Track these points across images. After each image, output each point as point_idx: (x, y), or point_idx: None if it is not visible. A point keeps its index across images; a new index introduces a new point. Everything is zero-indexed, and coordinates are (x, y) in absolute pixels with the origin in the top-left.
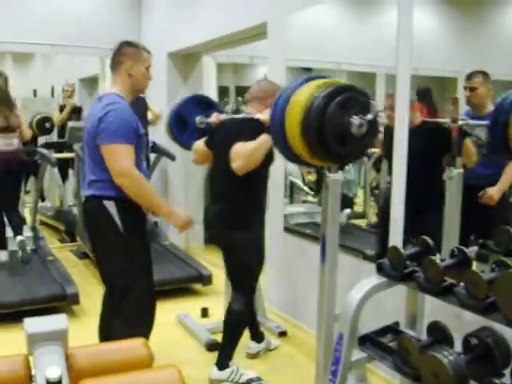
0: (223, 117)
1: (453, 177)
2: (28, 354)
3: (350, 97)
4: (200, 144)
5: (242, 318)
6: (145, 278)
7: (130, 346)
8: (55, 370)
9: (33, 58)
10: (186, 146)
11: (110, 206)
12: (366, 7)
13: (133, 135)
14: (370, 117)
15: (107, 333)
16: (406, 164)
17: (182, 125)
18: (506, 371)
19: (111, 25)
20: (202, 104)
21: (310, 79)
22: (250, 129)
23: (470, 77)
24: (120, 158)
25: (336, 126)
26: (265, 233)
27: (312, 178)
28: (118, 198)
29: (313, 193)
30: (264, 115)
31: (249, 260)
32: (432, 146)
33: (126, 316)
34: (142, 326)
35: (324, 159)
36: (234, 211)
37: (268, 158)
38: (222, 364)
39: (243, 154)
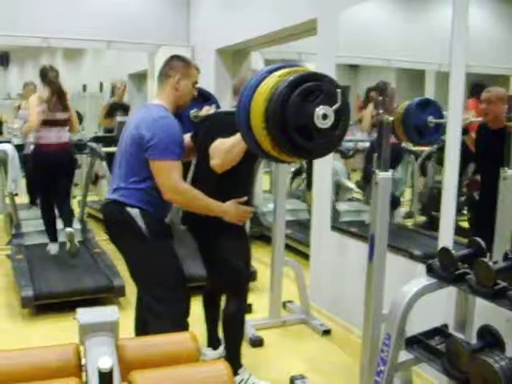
0: (213, 109)
1: (507, 177)
2: (79, 344)
3: (314, 86)
4: (186, 138)
5: (238, 319)
6: (173, 277)
7: (178, 339)
8: (107, 361)
9: (83, 53)
10: None
11: (133, 211)
12: (417, 3)
13: (180, 150)
14: (335, 106)
15: (143, 330)
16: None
17: (177, 118)
18: None
19: (160, 21)
20: (197, 96)
21: (277, 68)
22: (231, 124)
23: None
24: (171, 174)
25: (299, 117)
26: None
27: (358, 176)
28: (141, 207)
29: (361, 191)
30: None
31: (232, 261)
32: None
33: (161, 316)
34: (176, 323)
35: (290, 154)
36: None
37: (249, 155)
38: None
39: (221, 151)
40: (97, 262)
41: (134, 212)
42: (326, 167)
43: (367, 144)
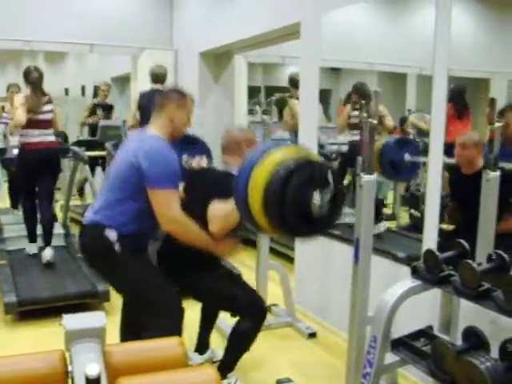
0: (204, 162)
1: (489, 179)
2: (65, 350)
3: (308, 174)
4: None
5: (250, 338)
6: (158, 290)
7: (165, 345)
8: (94, 368)
9: (65, 57)
10: None
11: (111, 233)
12: (399, 7)
13: (178, 180)
14: (330, 195)
15: (129, 335)
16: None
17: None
18: None
19: (143, 24)
20: (186, 141)
21: (269, 149)
22: (226, 185)
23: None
24: (170, 204)
25: (296, 206)
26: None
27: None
28: (121, 230)
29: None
30: None
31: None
32: None
33: (154, 327)
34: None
35: (288, 236)
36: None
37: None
38: (221, 373)
39: (220, 216)
40: (80, 267)
41: (112, 235)
42: None
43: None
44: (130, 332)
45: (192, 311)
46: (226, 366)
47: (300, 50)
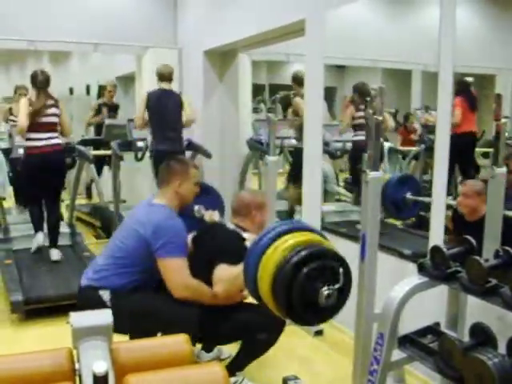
0: (217, 216)
1: (495, 176)
2: (72, 348)
3: (320, 265)
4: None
5: (267, 347)
6: (164, 307)
7: (171, 342)
8: (102, 365)
9: (69, 56)
10: None
11: (105, 294)
12: (404, 4)
13: (186, 248)
14: (338, 285)
15: None
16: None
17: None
18: None
19: (148, 23)
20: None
21: (281, 234)
22: (235, 247)
23: None
24: (182, 272)
25: (304, 296)
26: None
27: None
28: (116, 290)
29: (348, 194)
30: (249, 241)
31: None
32: None
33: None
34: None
35: (293, 321)
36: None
37: None
38: (230, 371)
39: (226, 280)
40: (86, 265)
41: (106, 296)
42: (315, 168)
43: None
44: None
45: None
46: (237, 366)
47: (304, 48)
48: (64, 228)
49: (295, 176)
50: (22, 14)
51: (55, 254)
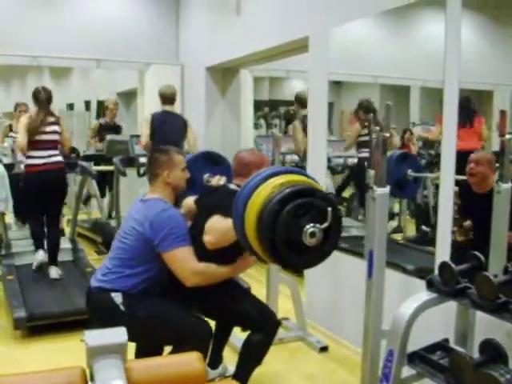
0: (223, 181)
1: (501, 191)
2: (87, 367)
3: (305, 202)
4: (189, 200)
5: (262, 350)
6: (179, 328)
7: (184, 361)
8: None
9: (70, 72)
10: None
11: (117, 297)
12: (403, 21)
13: (187, 235)
14: (325, 225)
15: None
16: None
17: (190, 181)
18: None
19: (150, 39)
20: (210, 160)
21: (273, 174)
22: (232, 202)
23: None
24: (187, 261)
25: (287, 233)
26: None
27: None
28: (127, 292)
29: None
30: None
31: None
32: None
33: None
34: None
35: (278, 264)
36: None
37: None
38: None
39: (217, 230)
40: (89, 281)
41: (118, 298)
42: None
43: (356, 160)
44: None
45: None
46: (239, 380)
47: (308, 65)
48: (66, 243)
49: None
50: (24, 29)
51: (54, 273)
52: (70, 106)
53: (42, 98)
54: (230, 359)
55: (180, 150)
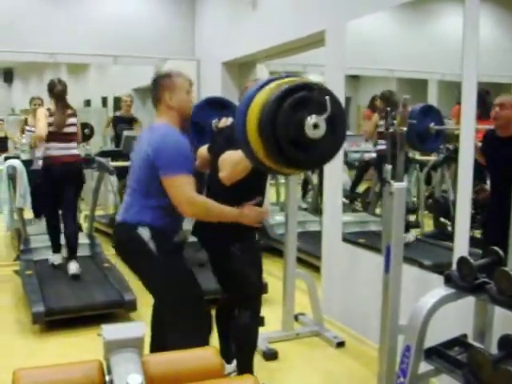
0: (230, 121)
1: None
2: (103, 360)
3: (303, 96)
4: (203, 149)
5: (250, 331)
6: (188, 292)
7: (201, 355)
8: (137, 378)
9: (87, 68)
10: None
11: (144, 233)
12: (422, 13)
13: (191, 164)
14: (326, 114)
15: (160, 345)
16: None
17: (200, 131)
18: None
19: (166, 35)
20: (216, 105)
21: (271, 80)
22: None
23: None
24: (184, 188)
25: (289, 129)
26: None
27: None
28: (153, 225)
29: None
30: None
31: (243, 272)
32: None
33: (179, 331)
34: (196, 337)
35: (285, 166)
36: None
37: (259, 171)
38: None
39: (228, 163)
40: (107, 276)
41: (145, 233)
42: (336, 178)
43: (373, 155)
44: (159, 341)
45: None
46: (242, 369)
47: (325, 58)
48: (84, 239)
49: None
50: (42, 26)
51: (73, 268)
52: (87, 103)
53: (58, 90)
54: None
55: (181, 72)
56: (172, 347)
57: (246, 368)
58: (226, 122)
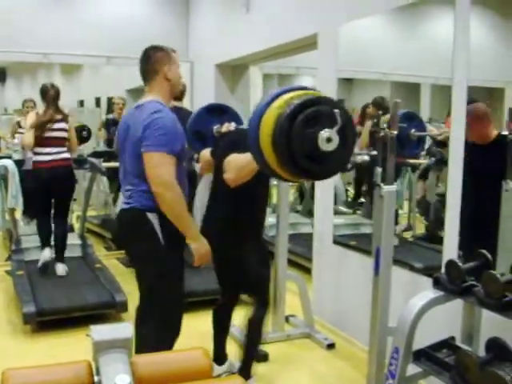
0: (233, 126)
1: (509, 189)
2: (92, 361)
3: (313, 111)
4: (206, 153)
5: (263, 324)
6: (176, 288)
7: (190, 356)
8: (125, 379)
9: (80, 68)
10: None
11: (153, 218)
12: (415, 18)
13: (178, 146)
14: (337, 127)
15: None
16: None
17: (202, 138)
18: None
19: (159, 36)
20: (215, 111)
21: (280, 94)
22: (245, 138)
23: None
24: (162, 167)
25: (304, 145)
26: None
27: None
28: (162, 214)
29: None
30: None
31: (255, 269)
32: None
33: (154, 323)
34: (169, 332)
35: (299, 177)
36: (227, 222)
37: (262, 177)
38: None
39: (234, 165)
40: (98, 277)
41: (154, 219)
42: (327, 181)
43: (365, 157)
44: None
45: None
46: (249, 364)
47: (317, 61)
48: (75, 239)
49: None
50: (35, 26)
51: (61, 269)
52: (81, 103)
53: (51, 95)
54: (235, 356)
55: (173, 49)
56: (144, 335)
57: (251, 362)
58: (229, 126)
